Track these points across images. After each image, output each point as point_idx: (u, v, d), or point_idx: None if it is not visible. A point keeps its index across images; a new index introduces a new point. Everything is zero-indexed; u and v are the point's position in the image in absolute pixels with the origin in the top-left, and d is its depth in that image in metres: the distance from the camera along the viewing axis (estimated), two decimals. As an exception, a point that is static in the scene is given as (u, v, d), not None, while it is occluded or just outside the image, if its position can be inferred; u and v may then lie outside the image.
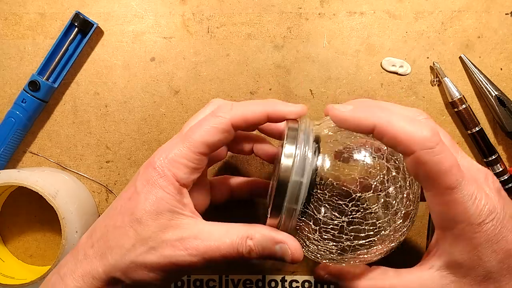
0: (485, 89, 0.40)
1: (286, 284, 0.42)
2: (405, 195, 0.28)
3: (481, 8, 0.42)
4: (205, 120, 0.29)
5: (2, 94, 0.42)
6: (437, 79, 0.41)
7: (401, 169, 0.28)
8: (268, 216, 0.29)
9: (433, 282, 0.28)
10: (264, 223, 0.30)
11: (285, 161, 0.27)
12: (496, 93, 0.40)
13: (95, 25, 0.41)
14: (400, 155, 0.28)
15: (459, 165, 0.26)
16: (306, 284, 0.42)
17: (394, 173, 0.28)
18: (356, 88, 0.42)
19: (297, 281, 0.42)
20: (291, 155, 0.27)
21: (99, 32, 0.42)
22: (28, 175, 0.37)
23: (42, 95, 0.41)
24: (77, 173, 0.42)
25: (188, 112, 0.42)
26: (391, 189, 0.27)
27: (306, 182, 0.27)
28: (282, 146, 0.28)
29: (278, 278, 0.42)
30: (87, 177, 0.43)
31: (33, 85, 0.40)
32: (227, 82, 0.42)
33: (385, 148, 0.28)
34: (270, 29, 0.42)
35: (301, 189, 0.27)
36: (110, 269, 0.27)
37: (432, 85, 0.42)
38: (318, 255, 0.30)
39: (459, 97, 0.40)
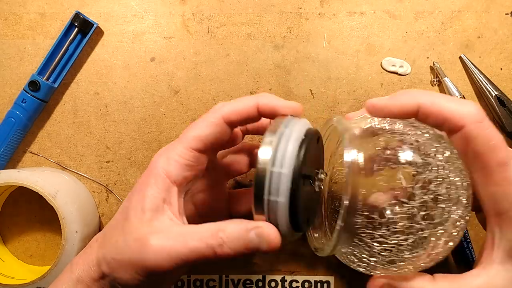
0: (485, 89, 0.40)
1: (286, 284, 0.42)
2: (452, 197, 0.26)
3: (481, 8, 0.42)
4: (199, 119, 0.30)
5: (2, 94, 0.42)
6: (437, 79, 0.41)
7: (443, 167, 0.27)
8: (253, 212, 0.27)
9: (502, 278, 0.26)
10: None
11: (262, 153, 0.26)
12: (496, 93, 0.40)
13: (95, 25, 0.41)
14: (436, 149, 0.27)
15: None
16: (306, 284, 0.42)
17: (434, 174, 0.26)
18: (356, 88, 0.42)
19: (297, 281, 0.42)
20: (268, 147, 0.27)
21: (99, 32, 0.42)
22: (28, 175, 0.37)
23: (42, 95, 0.41)
24: (77, 173, 0.42)
25: (188, 112, 0.42)
26: (439, 191, 0.26)
27: (288, 173, 0.26)
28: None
29: (278, 278, 0.42)
30: (87, 177, 0.43)
31: (33, 85, 0.40)
32: (227, 82, 0.42)
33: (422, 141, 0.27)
34: (270, 29, 0.42)
35: (280, 180, 0.26)
36: (100, 262, 0.29)
37: (432, 85, 0.42)
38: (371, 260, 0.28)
39: (459, 97, 0.40)
